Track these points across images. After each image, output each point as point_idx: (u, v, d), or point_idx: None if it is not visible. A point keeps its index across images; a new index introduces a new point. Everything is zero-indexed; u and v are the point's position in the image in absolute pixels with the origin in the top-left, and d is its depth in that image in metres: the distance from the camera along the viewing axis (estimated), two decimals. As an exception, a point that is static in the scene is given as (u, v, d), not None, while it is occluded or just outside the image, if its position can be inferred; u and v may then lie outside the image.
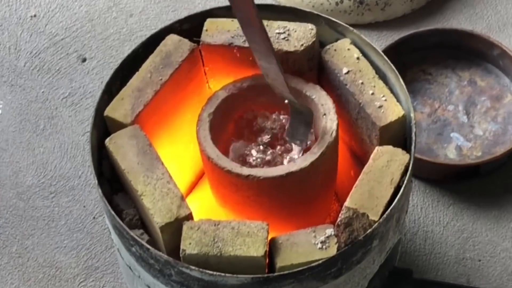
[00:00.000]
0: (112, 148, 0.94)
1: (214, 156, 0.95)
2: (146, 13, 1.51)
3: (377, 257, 0.95)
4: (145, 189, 0.91)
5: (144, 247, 0.89)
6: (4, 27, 1.49)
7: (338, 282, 0.91)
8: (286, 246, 0.89)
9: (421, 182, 1.28)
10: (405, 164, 0.93)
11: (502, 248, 1.22)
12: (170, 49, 1.01)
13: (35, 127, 1.37)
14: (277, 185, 0.94)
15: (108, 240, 1.23)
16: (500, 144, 1.29)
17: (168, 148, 1.02)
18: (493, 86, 1.36)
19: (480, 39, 1.36)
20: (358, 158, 1.05)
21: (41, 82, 1.42)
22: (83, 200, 1.28)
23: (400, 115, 0.96)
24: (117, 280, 1.20)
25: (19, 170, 1.32)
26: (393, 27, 1.47)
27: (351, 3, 1.46)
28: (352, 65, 1.00)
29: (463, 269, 1.20)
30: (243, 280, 0.86)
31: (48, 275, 1.21)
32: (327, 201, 1.07)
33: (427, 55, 1.39)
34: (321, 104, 0.99)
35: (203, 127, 0.98)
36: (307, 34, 1.01)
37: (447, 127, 1.31)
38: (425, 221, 1.24)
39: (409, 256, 1.21)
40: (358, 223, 0.89)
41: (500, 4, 1.50)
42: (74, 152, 1.34)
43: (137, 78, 0.99)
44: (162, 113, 1.00)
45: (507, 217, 1.24)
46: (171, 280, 0.90)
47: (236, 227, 0.88)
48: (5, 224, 1.26)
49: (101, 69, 1.43)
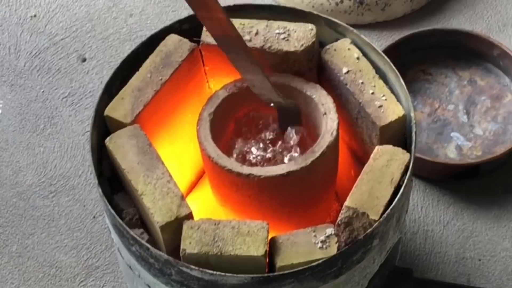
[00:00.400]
0: (112, 147, 0.94)
1: (215, 156, 0.95)
2: (146, 13, 1.51)
3: (377, 257, 0.95)
4: (145, 189, 0.91)
5: (144, 247, 0.89)
6: (4, 27, 1.50)
7: (338, 282, 0.91)
8: (286, 246, 0.89)
9: (421, 181, 1.28)
10: (405, 163, 0.93)
11: (502, 247, 1.22)
12: (170, 49, 1.01)
13: (35, 127, 1.37)
14: (277, 184, 0.94)
15: (108, 240, 1.23)
16: (500, 143, 1.29)
17: (168, 148, 1.02)
18: (493, 85, 1.36)
19: (480, 39, 1.36)
20: (358, 158, 1.05)
21: (41, 82, 1.42)
22: (83, 200, 1.28)
23: (400, 115, 0.96)
24: (117, 279, 1.20)
25: (19, 170, 1.32)
26: (393, 27, 1.48)
27: (351, 3, 1.46)
28: (352, 65, 1.00)
29: (463, 268, 1.20)
30: (243, 279, 0.86)
31: (48, 275, 1.21)
32: (328, 200, 1.07)
33: (427, 55, 1.39)
34: (321, 104, 0.99)
35: (203, 126, 0.98)
36: (307, 34, 1.01)
37: (447, 126, 1.31)
38: (425, 221, 1.24)
39: (409, 255, 1.21)
40: (358, 223, 0.89)
41: (500, 5, 1.50)
42: (74, 152, 1.34)
43: (137, 78, 0.99)
44: (162, 112, 1.00)
45: (507, 216, 1.24)
46: (171, 279, 0.90)
47: (236, 226, 0.88)
48: (5, 224, 1.26)
49: (101, 69, 1.43)
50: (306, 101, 1.00)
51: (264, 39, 1.00)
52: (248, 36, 1.01)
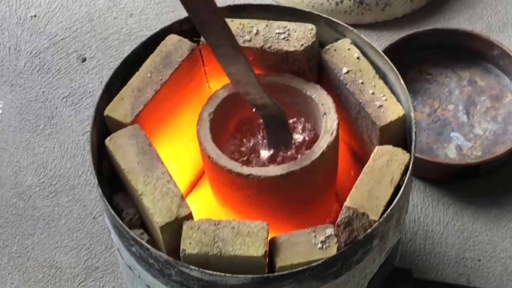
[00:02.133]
0: (112, 147, 0.94)
1: (215, 156, 0.95)
2: (146, 13, 1.51)
3: (377, 257, 0.95)
4: (145, 189, 0.91)
5: (144, 247, 0.89)
6: (4, 27, 1.50)
7: (338, 282, 0.91)
8: (286, 246, 0.89)
9: (421, 181, 1.28)
10: (405, 163, 0.93)
11: (502, 247, 1.22)
12: (170, 49, 1.01)
13: (35, 127, 1.37)
14: (277, 185, 0.94)
15: (108, 240, 1.23)
16: (500, 143, 1.29)
17: (168, 148, 1.02)
18: (493, 86, 1.36)
19: (480, 39, 1.36)
20: (358, 158, 1.05)
21: (41, 82, 1.42)
22: (83, 200, 1.28)
23: (400, 115, 0.96)
24: (117, 280, 1.20)
25: (19, 170, 1.32)
26: (393, 27, 1.48)
27: (351, 3, 1.46)
28: (352, 65, 1.00)
29: (463, 269, 1.20)
30: (243, 280, 0.86)
31: (48, 275, 1.21)
32: (327, 200, 1.07)
33: (427, 55, 1.39)
34: (321, 104, 0.99)
35: (203, 126, 0.98)
36: (307, 34, 1.00)
37: (447, 126, 1.31)
38: (425, 221, 1.24)
39: (409, 256, 1.21)
40: (358, 223, 0.89)
41: (500, 4, 1.50)
42: (74, 152, 1.34)
43: (137, 78, 0.99)
44: (162, 112, 1.00)
45: (507, 216, 1.24)
46: (171, 280, 0.90)
47: (236, 227, 0.88)
48: (5, 224, 1.26)
49: (101, 69, 1.43)
50: (306, 101, 1.00)
51: (264, 39, 1.00)
52: (248, 36, 1.01)
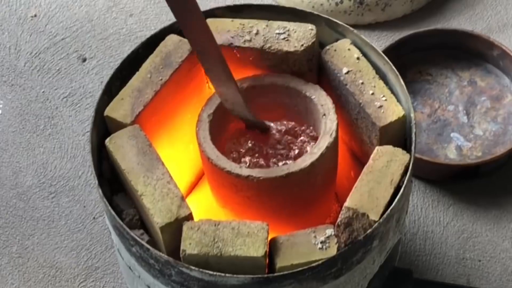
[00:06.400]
0: (112, 148, 0.94)
1: (214, 157, 0.95)
2: (146, 13, 1.51)
3: (377, 257, 0.95)
4: (145, 189, 0.91)
5: (144, 247, 0.89)
6: (4, 27, 1.50)
7: (338, 282, 0.91)
8: (286, 246, 0.89)
9: (421, 182, 1.28)
10: (405, 164, 0.93)
11: (502, 248, 1.22)
12: (170, 49, 1.01)
13: (35, 127, 1.37)
14: (277, 186, 0.94)
15: (108, 240, 1.23)
16: (500, 144, 1.29)
17: (168, 148, 1.02)
18: (493, 86, 1.36)
19: (480, 40, 1.36)
20: (358, 159, 1.05)
21: (41, 82, 1.42)
22: (83, 200, 1.28)
23: (400, 115, 0.96)
24: (117, 280, 1.20)
25: (19, 170, 1.32)
26: (393, 28, 1.48)
27: (351, 3, 1.46)
28: (352, 65, 1.00)
29: (463, 269, 1.20)
30: (243, 280, 0.86)
31: (48, 276, 1.21)
32: (327, 201, 1.07)
33: (427, 56, 1.39)
34: (320, 105, 0.99)
35: (202, 127, 0.98)
36: (307, 34, 1.01)
37: (447, 127, 1.31)
38: (425, 221, 1.24)
39: (409, 256, 1.21)
40: (358, 223, 0.89)
41: (500, 5, 1.50)
42: (74, 152, 1.34)
43: (137, 78, 0.99)
44: (162, 113, 1.00)
45: (507, 217, 1.24)
46: (171, 280, 0.90)
47: (236, 227, 0.88)
48: (5, 225, 1.26)
49: (101, 69, 1.43)
50: (305, 101, 1.00)
51: (264, 39, 1.00)
52: (248, 36, 1.01)
